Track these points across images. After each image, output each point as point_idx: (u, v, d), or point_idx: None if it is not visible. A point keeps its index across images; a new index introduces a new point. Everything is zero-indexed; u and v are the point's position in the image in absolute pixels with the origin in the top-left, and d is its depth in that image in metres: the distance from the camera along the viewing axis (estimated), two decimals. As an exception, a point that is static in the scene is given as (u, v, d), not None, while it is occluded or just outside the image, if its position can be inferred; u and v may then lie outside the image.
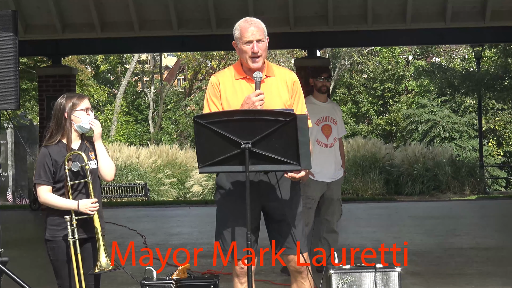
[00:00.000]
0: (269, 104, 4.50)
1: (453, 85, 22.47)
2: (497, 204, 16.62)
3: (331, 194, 7.55)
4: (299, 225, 4.59)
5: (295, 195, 4.60)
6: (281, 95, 4.59)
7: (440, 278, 7.39)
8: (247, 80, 4.60)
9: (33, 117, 27.34)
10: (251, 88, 4.56)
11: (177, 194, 23.50)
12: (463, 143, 28.56)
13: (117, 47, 15.99)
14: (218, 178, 4.64)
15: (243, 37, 4.53)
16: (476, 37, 15.12)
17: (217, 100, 4.59)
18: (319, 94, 7.57)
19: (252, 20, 4.61)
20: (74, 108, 4.66)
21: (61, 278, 4.69)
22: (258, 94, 4.42)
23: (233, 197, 4.53)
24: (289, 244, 4.55)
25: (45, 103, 14.87)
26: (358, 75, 34.35)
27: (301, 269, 4.61)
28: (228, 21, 13.48)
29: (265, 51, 4.57)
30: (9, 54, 5.21)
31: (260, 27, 4.55)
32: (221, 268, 7.61)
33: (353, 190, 21.08)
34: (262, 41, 4.54)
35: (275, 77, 4.64)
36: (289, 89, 4.62)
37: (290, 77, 4.66)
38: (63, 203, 4.60)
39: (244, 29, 4.54)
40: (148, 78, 39.37)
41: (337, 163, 7.60)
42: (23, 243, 10.25)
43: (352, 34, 14.23)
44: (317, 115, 7.47)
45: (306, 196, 7.32)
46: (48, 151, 4.65)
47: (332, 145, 7.54)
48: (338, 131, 7.64)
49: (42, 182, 4.62)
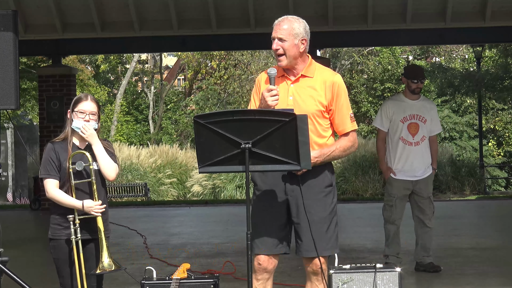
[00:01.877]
0: (300, 103, 4.51)
1: (453, 85, 22.50)
2: (497, 204, 16.61)
3: (419, 192, 7.56)
4: (324, 226, 4.54)
5: (323, 196, 4.55)
6: (314, 96, 4.56)
7: (440, 278, 7.39)
8: (283, 78, 4.62)
9: (33, 117, 27.34)
10: (286, 86, 4.58)
11: (177, 194, 23.50)
12: (463, 143, 28.56)
13: (117, 47, 15.99)
14: (252, 175, 4.62)
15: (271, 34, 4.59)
16: (476, 37, 15.12)
17: (258, 97, 4.61)
18: (410, 94, 7.58)
19: (284, 18, 4.62)
20: (74, 108, 4.68)
21: (63, 277, 4.71)
22: (270, 90, 4.42)
23: (264, 195, 4.56)
24: (307, 246, 4.53)
25: (45, 103, 14.89)
26: (358, 75, 34.35)
27: (317, 271, 4.58)
28: (228, 21, 13.49)
29: (291, 51, 4.52)
30: (9, 54, 5.20)
31: (286, 26, 4.54)
32: (221, 268, 7.62)
33: (353, 190, 21.09)
34: (285, 41, 4.52)
35: (314, 78, 4.60)
36: (327, 90, 4.57)
37: (330, 79, 4.60)
38: (69, 201, 4.61)
39: (274, 25, 4.59)
40: (148, 78, 39.36)
41: (425, 161, 7.56)
42: (23, 243, 10.24)
43: (352, 34, 14.22)
44: (404, 113, 7.48)
45: (388, 193, 7.57)
46: (53, 146, 4.69)
47: (418, 144, 7.50)
48: (429, 129, 7.58)
49: (48, 176, 4.64)
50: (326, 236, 4.55)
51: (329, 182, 4.60)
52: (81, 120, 4.65)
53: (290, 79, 4.61)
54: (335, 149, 4.57)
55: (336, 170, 21.04)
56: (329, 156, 4.55)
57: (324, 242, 4.54)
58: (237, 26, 13.52)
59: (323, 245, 4.53)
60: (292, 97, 4.56)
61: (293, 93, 4.57)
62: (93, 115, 4.68)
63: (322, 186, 4.55)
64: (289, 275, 7.48)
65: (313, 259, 4.55)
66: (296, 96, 4.55)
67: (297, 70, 4.60)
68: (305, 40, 4.58)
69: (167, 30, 13.70)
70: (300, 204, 4.51)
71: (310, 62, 4.64)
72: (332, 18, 13.27)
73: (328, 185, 4.59)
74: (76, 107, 4.67)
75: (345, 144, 4.62)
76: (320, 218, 4.53)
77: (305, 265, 4.64)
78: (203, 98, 34.59)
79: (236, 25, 13.53)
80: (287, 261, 6.38)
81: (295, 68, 4.59)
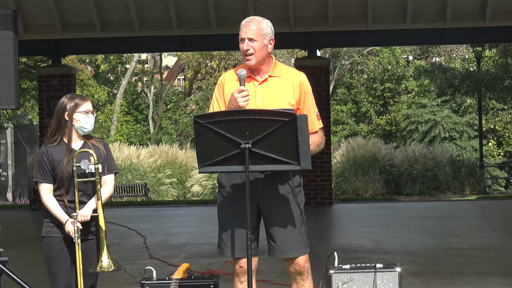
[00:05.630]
0: (269, 103, 4.49)
1: (453, 85, 22.48)
2: (497, 204, 16.61)
3: None
4: (297, 226, 4.52)
5: (293, 194, 4.53)
6: (283, 95, 4.55)
7: (440, 278, 7.39)
8: (250, 79, 4.59)
9: (33, 116, 27.34)
10: (253, 87, 4.56)
11: (177, 194, 23.50)
12: (463, 143, 28.55)
13: (117, 47, 15.99)
14: (218, 177, 4.64)
15: (239, 35, 4.58)
16: (476, 37, 15.13)
17: (221, 99, 4.60)
18: None
19: (252, 19, 4.63)
20: (76, 110, 4.68)
21: (52, 275, 4.71)
22: (241, 91, 4.40)
23: (232, 197, 4.53)
24: (283, 247, 4.52)
25: (45, 102, 14.89)
26: (358, 75, 34.34)
27: (300, 271, 4.58)
28: (228, 21, 13.51)
29: (261, 51, 4.53)
30: (9, 54, 5.20)
31: (255, 27, 4.55)
32: (221, 268, 7.61)
33: (353, 190, 21.08)
34: (255, 41, 4.53)
35: (281, 77, 4.61)
36: (294, 90, 4.58)
37: (297, 78, 4.61)
38: (56, 213, 4.64)
39: (241, 26, 4.60)
40: (148, 78, 39.36)
41: None
42: (23, 243, 10.24)
43: (352, 34, 14.24)
44: None
45: None
46: (46, 150, 4.68)
47: None
48: None
49: (41, 180, 4.66)
50: (300, 235, 4.53)
51: (298, 182, 4.59)
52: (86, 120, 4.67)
53: (257, 80, 4.60)
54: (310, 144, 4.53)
55: (336, 170, 21.07)
56: None
57: (299, 242, 4.53)
58: (237, 26, 13.47)
59: (298, 245, 4.52)
60: (260, 98, 4.54)
61: (261, 94, 4.55)
62: (93, 113, 4.76)
63: (293, 186, 4.55)
64: (289, 275, 7.47)
65: (295, 259, 4.54)
66: (263, 97, 4.53)
67: (264, 71, 4.60)
68: (272, 40, 4.61)
69: (167, 30, 13.72)
70: (272, 204, 4.50)
71: (275, 63, 4.66)
72: (332, 18, 13.28)
73: (298, 185, 4.58)
74: (79, 108, 4.68)
75: (317, 139, 4.62)
76: (293, 217, 4.52)
77: (287, 266, 4.62)
78: (203, 98, 34.60)
79: (236, 25, 13.43)
80: (287, 261, 6.37)
81: (262, 69, 4.59)
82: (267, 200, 4.50)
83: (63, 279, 4.68)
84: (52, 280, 4.71)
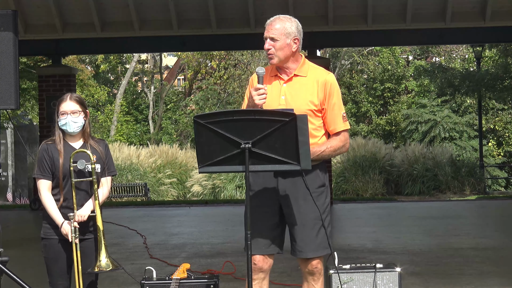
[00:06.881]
0: (292, 102, 4.50)
1: (453, 85, 22.49)
2: (497, 204, 16.61)
3: None
4: (314, 227, 4.50)
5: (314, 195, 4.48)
6: (306, 95, 4.54)
7: (440, 278, 7.39)
8: (276, 78, 4.61)
9: (33, 116, 27.33)
10: (278, 86, 4.57)
11: (177, 194, 23.51)
12: (463, 143, 28.55)
13: (117, 47, 15.99)
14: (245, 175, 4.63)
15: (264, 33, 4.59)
16: (476, 37, 15.12)
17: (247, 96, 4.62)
18: None
19: (276, 18, 4.63)
20: (58, 109, 4.70)
21: (51, 276, 4.73)
22: (258, 89, 4.41)
23: (255, 196, 4.53)
24: (301, 247, 4.51)
25: (45, 102, 14.88)
26: (358, 75, 34.34)
27: (312, 271, 4.56)
28: (228, 21, 13.50)
29: (282, 50, 4.52)
30: (9, 54, 5.21)
31: (278, 26, 4.55)
32: (221, 268, 7.62)
33: (353, 190, 21.09)
34: (277, 40, 4.52)
35: (307, 77, 4.59)
36: (319, 89, 4.55)
37: (322, 78, 4.58)
38: (52, 213, 4.65)
39: (266, 25, 4.60)
40: (148, 78, 39.36)
41: None
42: (23, 243, 10.24)
43: (352, 34, 14.23)
44: None
45: None
46: (46, 147, 4.71)
47: None
48: None
49: (40, 176, 4.68)
50: (318, 236, 4.51)
51: (321, 182, 4.57)
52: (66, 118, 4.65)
53: (283, 79, 4.60)
54: (325, 148, 4.53)
55: (336, 170, 21.07)
56: (319, 155, 4.51)
57: (316, 243, 4.51)
58: (237, 26, 13.52)
59: (315, 246, 4.50)
60: (284, 97, 4.54)
61: (285, 93, 4.55)
62: (75, 113, 4.67)
63: (314, 187, 4.52)
64: (289, 275, 7.48)
65: (308, 260, 4.53)
66: (288, 96, 4.54)
67: (290, 70, 4.59)
68: (297, 39, 4.59)
69: (167, 30, 13.71)
70: (292, 205, 4.49)
71: (303, 62, 4.64)
72: (332, 18, 13.28)
73: (320, 185, 4.56)
74: (59, 108, 4.69)
75: (335, 144, 4.58)
76: (312, 218, 4.50)
77: (301, 265, 4.62)
78: (203, 98, 34.59)
79: (236, 25, 13.53)
80: (287, 261, 6.37)
81: (288, 67, 4.59)
82: (287, 200, 4.50)
83: (62, 280, 4.70)
84: (51, 281, 4.74)
